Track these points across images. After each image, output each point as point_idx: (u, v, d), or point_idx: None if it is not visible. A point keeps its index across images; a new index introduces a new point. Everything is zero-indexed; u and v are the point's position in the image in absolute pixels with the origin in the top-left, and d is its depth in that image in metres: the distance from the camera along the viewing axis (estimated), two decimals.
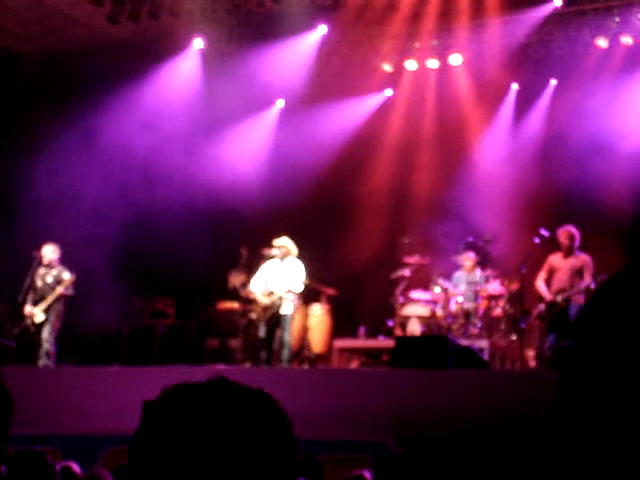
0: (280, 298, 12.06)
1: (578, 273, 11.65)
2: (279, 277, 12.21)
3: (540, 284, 11.93)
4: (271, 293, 12.14)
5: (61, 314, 12.38)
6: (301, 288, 12.22)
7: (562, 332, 11.55)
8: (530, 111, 15.42)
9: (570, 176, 13.97)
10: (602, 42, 14.26)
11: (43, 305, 12.23)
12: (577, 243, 11.80)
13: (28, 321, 12.25)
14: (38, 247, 12.45)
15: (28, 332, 12.29)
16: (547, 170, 14.45)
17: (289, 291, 12.08)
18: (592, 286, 11.53)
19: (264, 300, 12.16)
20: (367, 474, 6.31)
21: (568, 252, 11.77)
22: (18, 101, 14.70)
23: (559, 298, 11.61)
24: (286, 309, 12.11)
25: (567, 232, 11.79)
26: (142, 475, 1.31)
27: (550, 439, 1.07)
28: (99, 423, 9.42)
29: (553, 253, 11.94)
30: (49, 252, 12.42)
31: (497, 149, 15.33)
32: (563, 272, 11.72)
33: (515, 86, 15.54)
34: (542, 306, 11.86)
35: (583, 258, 11.72)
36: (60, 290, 12.25)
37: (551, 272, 11.88)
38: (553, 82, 15.26)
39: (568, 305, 11.58)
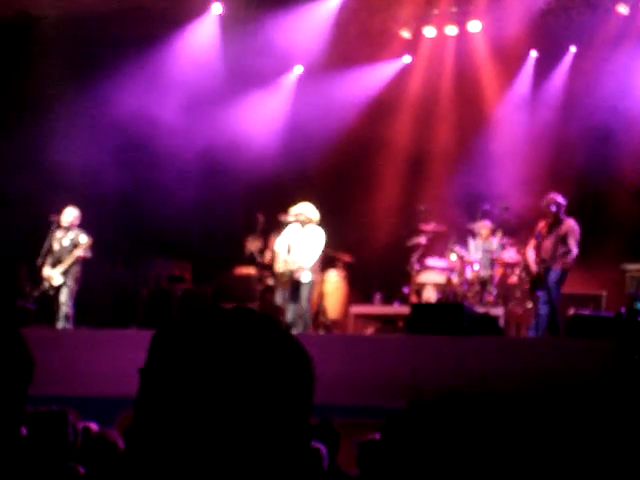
0: (297, 265, 11.88)
1: (562, 240, 11.55)
2: (298, 244, 11.95)
3: (529, 253, 11.87)
4: (288, 261, 11.92)
5: (79, 277, 12.44)
6: (317, 256, 12.00)
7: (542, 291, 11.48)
8: (549, 78, 15.29)
9: (589, 143, 13.88)
10: (623, 9, 14.10)
11: (61, 268, 12.29)
12: (562, 210, 11.67)
13: (46, 284, 12.34)
14: (57, 210, 12.49)
15: (47, 295, 12.38)
16: (565, 137, 14.35)
17: (307, 258, 11.93)
18: (574, 252, 11.46)
19: (281, 266, 12.06)
20: None
21: (553, 220, 11.67)
22: (34, 64, 14.68)
23: (540, 269, 11.55)
24: (305, 277, 11.85)
25: (549, 200, 11.66)
26: (152, 406, 1.28)
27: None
28: (116, 386, 9.51)
29: (542, 220, 11.84)
30: (68, 215, 12.46)
31: (515, 117, 15.22)
32: (548, 240, 11.62)
33: (534, 53, 15.40)
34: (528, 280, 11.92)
35: (568, 224, 11.59)
36: (78, 253, 12.31)
37: (540, 239, 11.81)
38: (573, 49, 15.11)
39: (547, 272, 11.49)
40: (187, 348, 1.27)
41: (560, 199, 11.67)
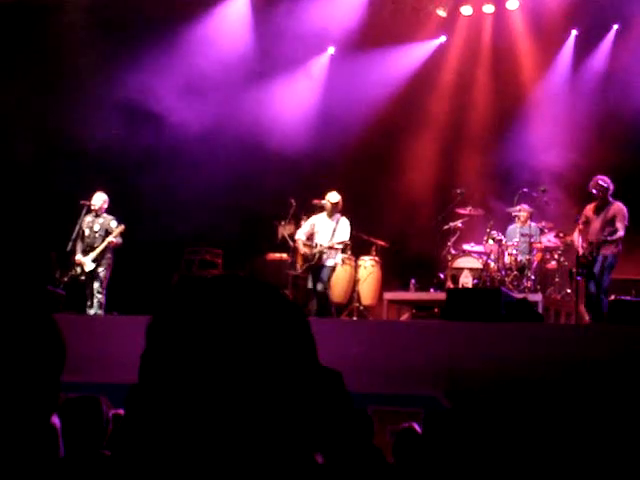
0: (321, 251, 11.95)
1: (611, 223, 11.28)
2: (324, 231, 12.09)
3: (576, 237, 11.60)
4: (311, 246, 12.09)
5: (111, 263, 12.33)
6: (343, 245, 12.12)
7: (589, 278, 11.20)
8: (590, 56, 14.94)
9: (631, 124, 13.56)
10: None
11: (93, 254, 12.19)
12: (610, 192, 11.41)
13: (78, 269, 12.24)
14: (87, 195, 12.39)
15: (78, 281, 12.27)
16: (607, 117, 14.01)
17: (331, 247, 11.94)
18: (621, 232, 11.17)
19: (304, 250, 12.12)
20: (417, 427, 6.18)
21: (601, 202, 11.40)
22: (61, 44, 14.53)
23: (587, 251, 11.26)
24: (328, 261, 11.98)
25: (597, 182, 11.40)
26: (156, 364, 1.29)
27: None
28: None
29: (589, 203, 11.57)
30: (98, 200, 12.35)
31: (555, 96, 14.90)
32: (596, 223, 11.39)
33: (574, 32, 15.04)
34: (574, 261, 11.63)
35: (615, 207, 11.34)
36: (110, 240, 12.19)
37: (587, 223, 11.54)
38: (615, 27, 14.74)
39: (596, 256, 11.22)
40: (178, 325, 1.31)
41: (608, 181, 11.41)
